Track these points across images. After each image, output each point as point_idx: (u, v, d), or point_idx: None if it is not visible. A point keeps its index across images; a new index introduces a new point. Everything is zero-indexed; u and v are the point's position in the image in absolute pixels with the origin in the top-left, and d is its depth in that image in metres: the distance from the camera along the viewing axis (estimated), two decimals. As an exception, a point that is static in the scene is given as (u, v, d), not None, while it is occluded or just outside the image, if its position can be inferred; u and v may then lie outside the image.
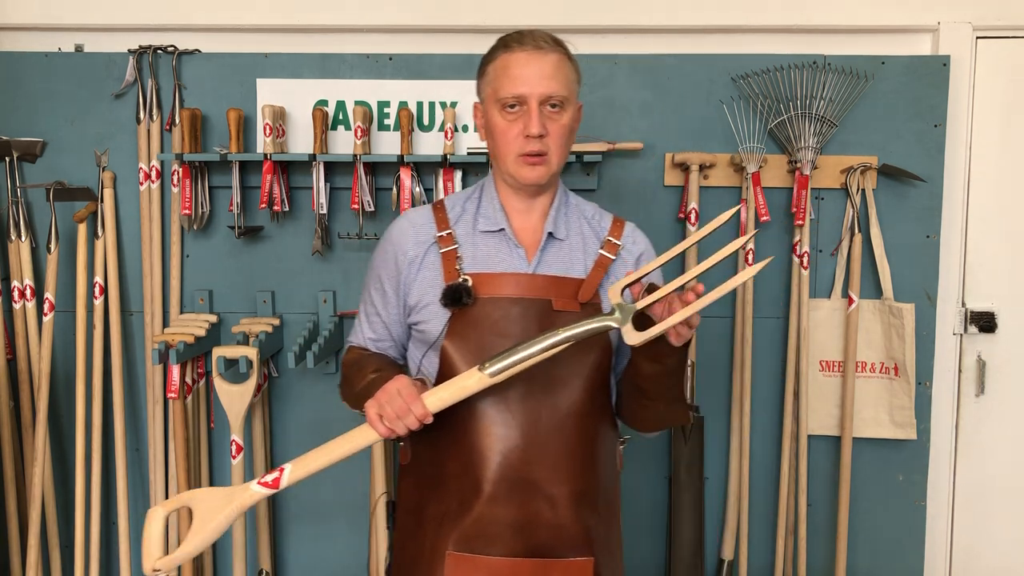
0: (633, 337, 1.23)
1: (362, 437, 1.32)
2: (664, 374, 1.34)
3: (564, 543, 1.35)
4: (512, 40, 1.39)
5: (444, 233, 1.44)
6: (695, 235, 1.29)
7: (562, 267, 1.43)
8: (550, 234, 1.44)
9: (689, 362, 2.33)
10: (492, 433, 1.34)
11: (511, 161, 1.39)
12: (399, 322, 1.48)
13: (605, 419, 1.43)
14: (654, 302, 1.27)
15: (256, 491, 1.31)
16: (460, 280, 1.38)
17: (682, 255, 2.26)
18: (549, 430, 1.34)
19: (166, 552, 1.29)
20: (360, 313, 1.55)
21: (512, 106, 1.37)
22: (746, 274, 1.22)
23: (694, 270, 1.27)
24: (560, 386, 1.36)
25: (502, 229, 1.43)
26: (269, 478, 1.31)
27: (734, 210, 1.29)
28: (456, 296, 1.37)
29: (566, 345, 1.27)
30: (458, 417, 1.35)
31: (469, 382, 1.28)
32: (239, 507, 1.31)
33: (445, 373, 1.36)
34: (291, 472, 1.31)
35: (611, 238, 1.46)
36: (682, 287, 1.27)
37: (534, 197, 1.45)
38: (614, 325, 1.25)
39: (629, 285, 1.29)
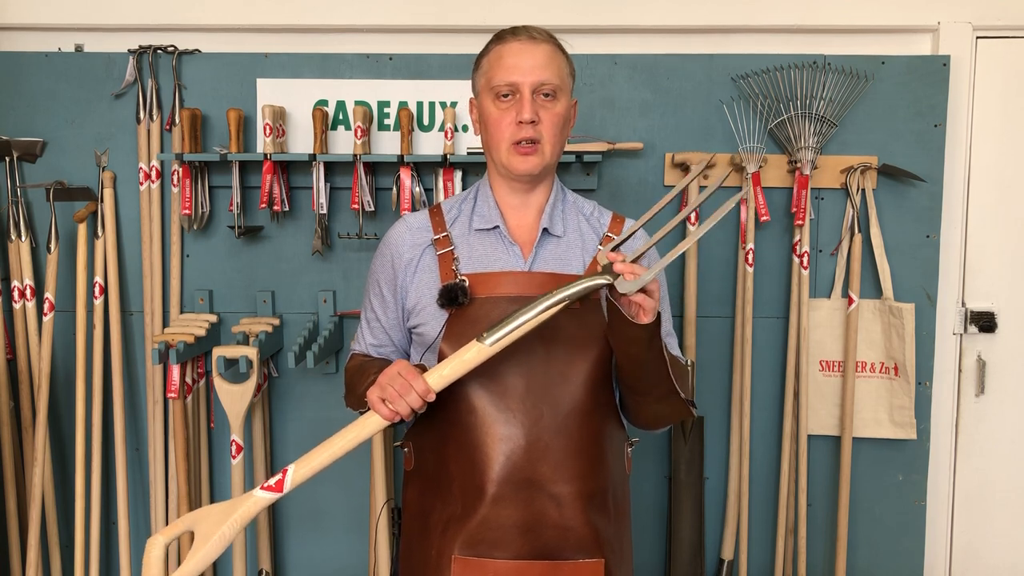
0: (626, 286, 1.23)
1: (366, 425, 1.29)
2: (637, 362, 1.32)
3: (572, 544, 1.33)
4: (506, 33, 1.42)
5: (440, 235, 1.44)
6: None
7: (559, 264, 1.42)
8: (545, 230, 1.44)
9: (689, 362, 2.34)
10: (493, 432, 1.33)
11: (504, 151, 1.40)
12: (399, 327, 1.48)
13: (610, 417, 1.42)
14: (645, 251, 1.29)
15: (260, 497, 1.27)
16: (457, 280, 1.38)
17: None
18: (551, 427, 1.33)
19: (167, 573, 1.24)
20: (361, 320, 1.55)
21: (505, 95, 1.38)
22: (720, 212, 1.23)
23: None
24: (561, 382, 1.35)
25: (496, 227, 1.43)
26: (272, 482, 1.27)
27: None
28: (452, 296, 1.36)
29: (562, 306, 1.26)
30: (459, 417, 1.35)
31: (468, 355, 1.26)
32: (243, 517, 1.26)
33: None
34: (295, 472, 1.27)
35: (610, 234, 1.46)
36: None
37: (529, 192, 1.45)
38: (604, 282, 1.25)
39: (617, 246, 1.30)
